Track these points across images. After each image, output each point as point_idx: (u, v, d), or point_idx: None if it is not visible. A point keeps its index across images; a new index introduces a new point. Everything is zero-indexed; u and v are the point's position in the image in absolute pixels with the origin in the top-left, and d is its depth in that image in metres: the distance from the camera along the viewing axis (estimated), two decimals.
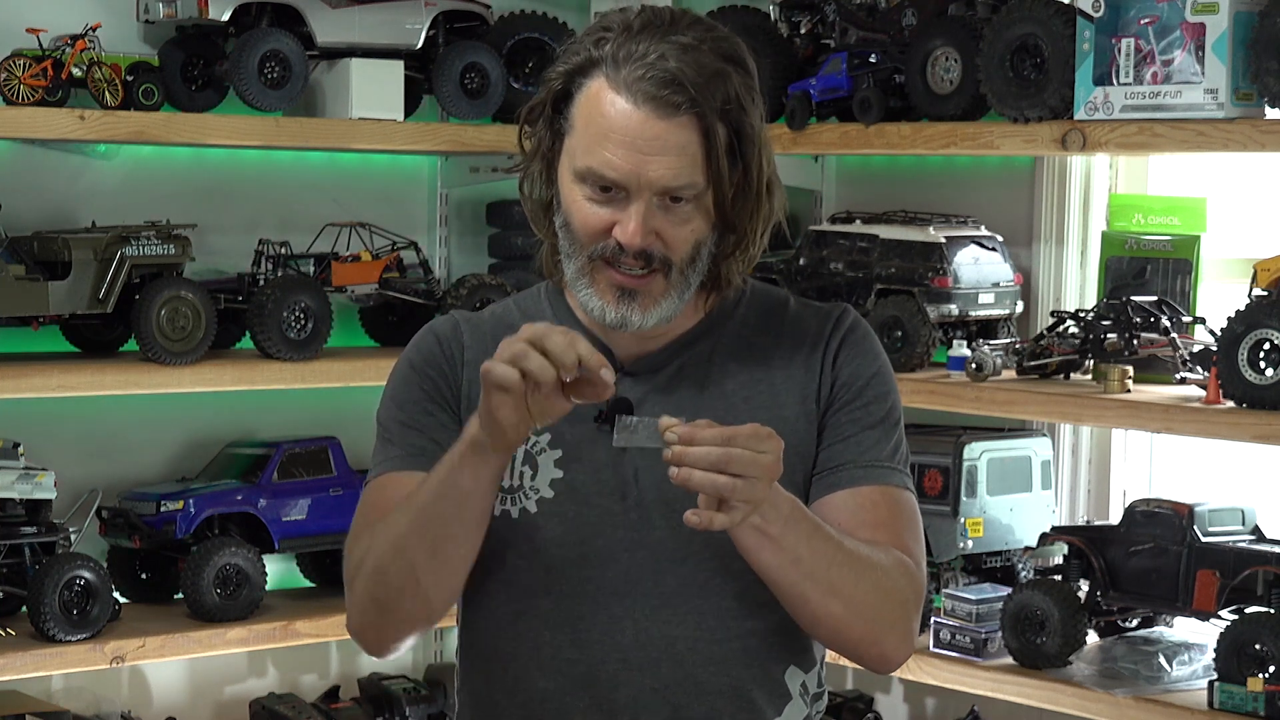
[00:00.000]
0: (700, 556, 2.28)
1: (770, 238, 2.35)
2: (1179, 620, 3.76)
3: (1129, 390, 3.67)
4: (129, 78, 3.80)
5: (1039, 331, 3.97)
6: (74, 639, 3.73)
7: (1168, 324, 3.73)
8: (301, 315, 3.99)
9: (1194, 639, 3.70)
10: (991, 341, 3.96)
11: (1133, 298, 3.79)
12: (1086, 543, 3.70)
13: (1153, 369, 3.74)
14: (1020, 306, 4.09)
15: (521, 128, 2.33)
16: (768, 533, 2.13)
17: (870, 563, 2.21)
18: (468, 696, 2.40)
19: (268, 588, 4.00)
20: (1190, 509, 3.56)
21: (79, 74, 3.75)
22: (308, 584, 4.29)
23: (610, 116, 2.20)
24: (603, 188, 2.22)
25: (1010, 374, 3.89)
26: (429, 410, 2.35)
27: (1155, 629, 3.78)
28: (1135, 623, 3.79)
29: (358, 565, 2.27)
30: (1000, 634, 3.78)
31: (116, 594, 3.88)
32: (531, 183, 2.34)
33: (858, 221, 4.13)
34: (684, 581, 2.28)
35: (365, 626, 2.30)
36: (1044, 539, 3.84)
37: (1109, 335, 3.76)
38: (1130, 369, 3.69)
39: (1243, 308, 3.45)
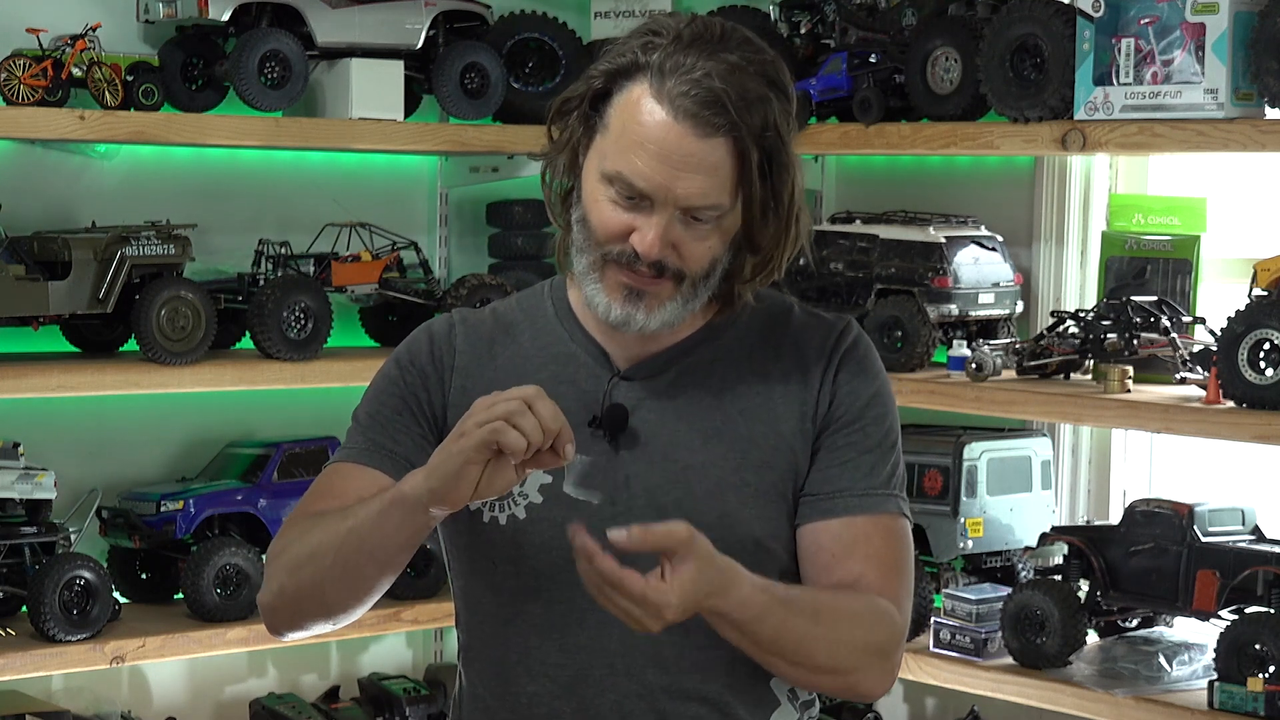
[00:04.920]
0: None
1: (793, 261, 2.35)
2: (1179, 620, 3.76)
3: (1129, 390, 3.67)
4: (129, 78, 3.80)
5: (1039, 331, 3.97)
6: (74, 639, 3.73)
7: (1168, 324, 3.73)
8: (301, 315, 3.99)
9: (1194, 639, 3.70)
10: (991, 341, 3.96)
11: (1133, 298, 3.79)
12: (1086, 543, 3.70)
13: (1153, 369, 3.74)
14: (1020, 306, 4.09)
15: (552, 117, 2.31)
16: (729, 618, 2.14)
17: (847, 620, 2.22)
18: (463, 698, 2.41)
19: None
20: (1190, 509, 3.56)
21: (79, 74, 3.75)
22: None
23: (648, 125, 2.19)
24: (628, 194, 2.21)
25: (1010, 374, 3.89)
26: (400, 412, 2.34)
27: (1155, 629, 3.79)
28: (1135, 623, 3.79)
29: (282, 549, 2.29)
30: (1000, 634, 3.78)
31: (116, 594, 3.88)
32: (554, 172, 2.33)
33: (858, 221, 4.13)
34: None
35: (271, 607, 2.31)
36: (1044, 539, 3.84)
37: (1109, 335, 3.77)
38: (1130, 369, 3.69)
39: (1243, 308, 3.45)
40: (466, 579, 2.38)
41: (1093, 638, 3.76)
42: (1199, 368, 3.61)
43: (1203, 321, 3.76)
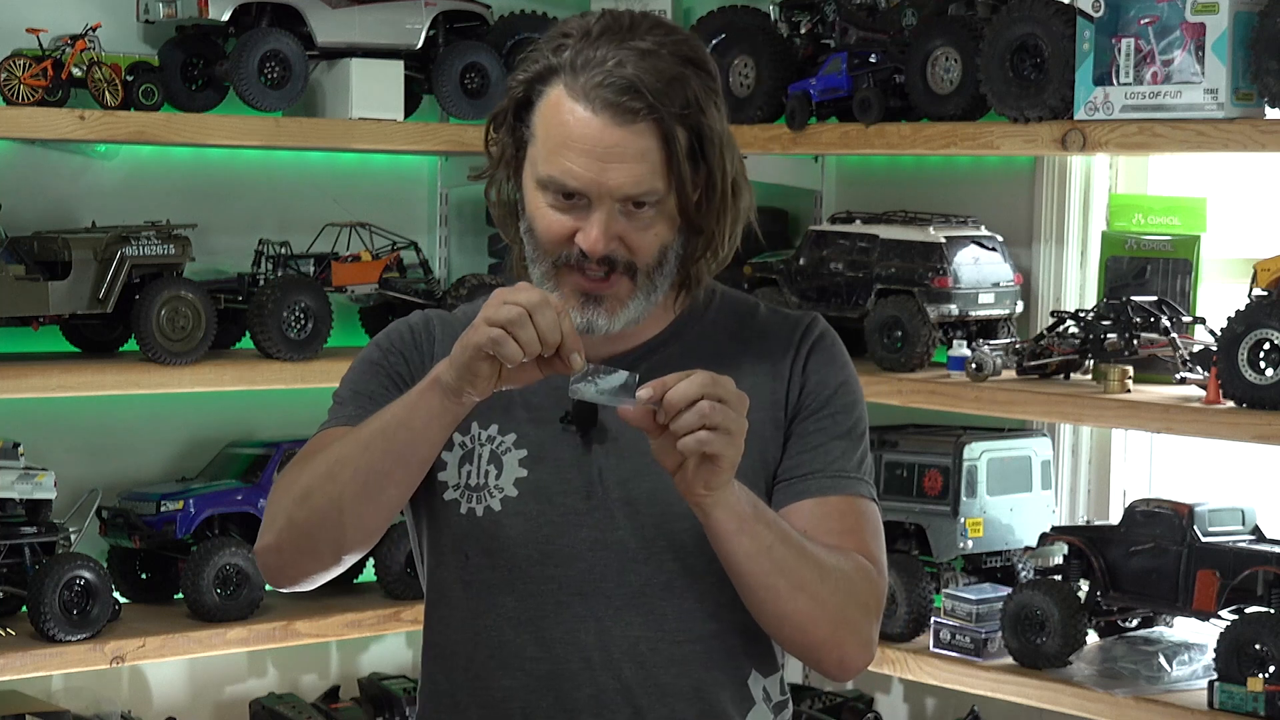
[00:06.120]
0: (663, 557, 2.28)
1: (741, 237, 2.35)
2: (1179, 620, 3.76)
3: (1129, 390, 3.67)
4: (129, 78, 3.80)
5: (1039, 331, 3.97)
6: (74, 639, 3.73)
7: (1168, 324, 3.73)
8: (301, 315, 4.00)
9: (1194, 639, 3.70)
10: (991, 341, 3.96)
11: (1133, 298, 3.79)
12: (1086, 543, 3.70)
13: (1153, 369, 3.74)
14: (1020, 306, 4.09)
15: (488, 134, 2.34)
16: (744, 516, 2.14)
17: (831, 564, 2.23)
18: (429, 696, 2.40)
19: (267, 587, 3.99)
20: (1190, 509, 3.56)
21: (79, 74, 3.75)
22: None
23: (569, 125, 2.20)
24: (565, 195, 2.22)
25: (1010, 374, 3.89)
26: (387, 389, 2.35)
27: (1155, 629, 3.79)
28: (1135, 623, 3.79)
29: (286, 488, 2.27)
30: (1000, 634, 3.78)
31: (116, 594, 3.88)
32: (498, 189, 2.34)
33: (858, 221, 4.13)
34: (647, 581, 2.27)
35: (273, 549, 2.28)
36: (1044, 539, 3.84)
37: (1109, 335, 3.77)
38: (1130, 369, 3.69)
39: (1243, 308, 3.45)
40: (436, 572, 2.37)
41: (1093, 638, 3.76)
42: (1199, 368, 3.61)
43: (1203, 321, 3.76)
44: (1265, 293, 3.47)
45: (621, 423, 2.24)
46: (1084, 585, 3.72)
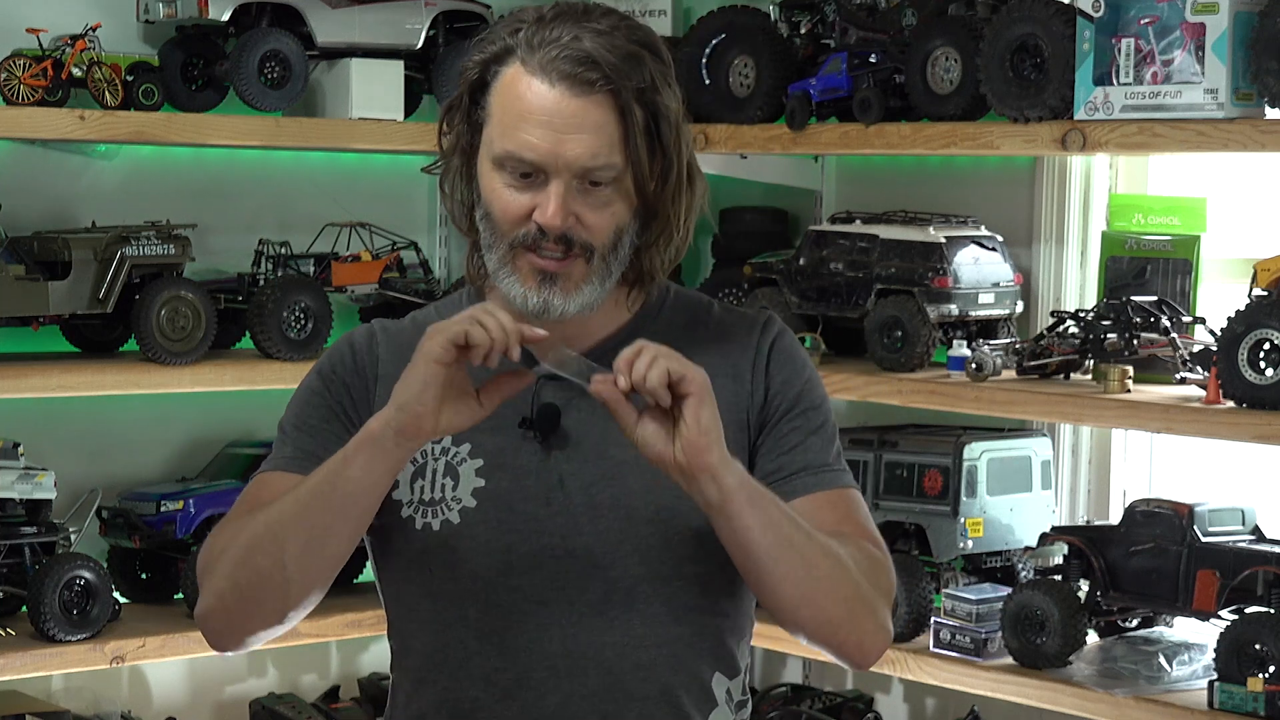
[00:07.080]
0: (628, 562, 2.26)
1: (694, 230, 2.34)
2: (1179, 620, 3.76)
3: (1129, 390, 3.67)
4: (129, 78, 3.80)
5: (1039, 331, 3.97)
6: (74, 639, 3.73)
7: (1168, 324, 3.73)
8: (301, 315, 4.00)
9: (1194, 639, 3.70)
10: (991, 341, 3.96)
11: (1133, 298, 3.79)
12: (1086, 543, 3.70)
13: (1153, 369, 3.74)
14: (1020, 306, 4.09)
15: (441, 125, 2.32)
16: (751, 486, 2.12)
17: (836, 546, 2.21)
18: (397, 709, 2.38)
19: None
20: (1190, 509, 3.56)
21: (79, 74, 3.75)
22: None
23: (527, 99, 2.20)
24: (522, 173, 2.21)
25: (1010, 374, 3.89)
26: (326, 419, 2.33)
27: (1155, 629, 3.79)
28: (1135, 623, 3.79)
29: (221, 550, 2.23)
30: (1000, 634, 3.78)
31: (116, 594, 3.88)
32: (452, 180, 2.32)
33: (858, 221, 4.13)
34: (611, 587, 2.25)
35: (215, 612, 2.25)
36: (1044, 539, 3.84)
37: (1109, 335, 3.77)
38: (1130, 369, 3.69)
39: (1243, 308, 3.45)
40: (400, 586, 2.35)
41: (1093, 638, 3.76)
42: (1199, 368, 3.61)
43: (1203, 321, 3.76)
44: (1265, 293, 3.47)
45: (583, 427, 2.25)
46: (1084, 585, 3.72)
